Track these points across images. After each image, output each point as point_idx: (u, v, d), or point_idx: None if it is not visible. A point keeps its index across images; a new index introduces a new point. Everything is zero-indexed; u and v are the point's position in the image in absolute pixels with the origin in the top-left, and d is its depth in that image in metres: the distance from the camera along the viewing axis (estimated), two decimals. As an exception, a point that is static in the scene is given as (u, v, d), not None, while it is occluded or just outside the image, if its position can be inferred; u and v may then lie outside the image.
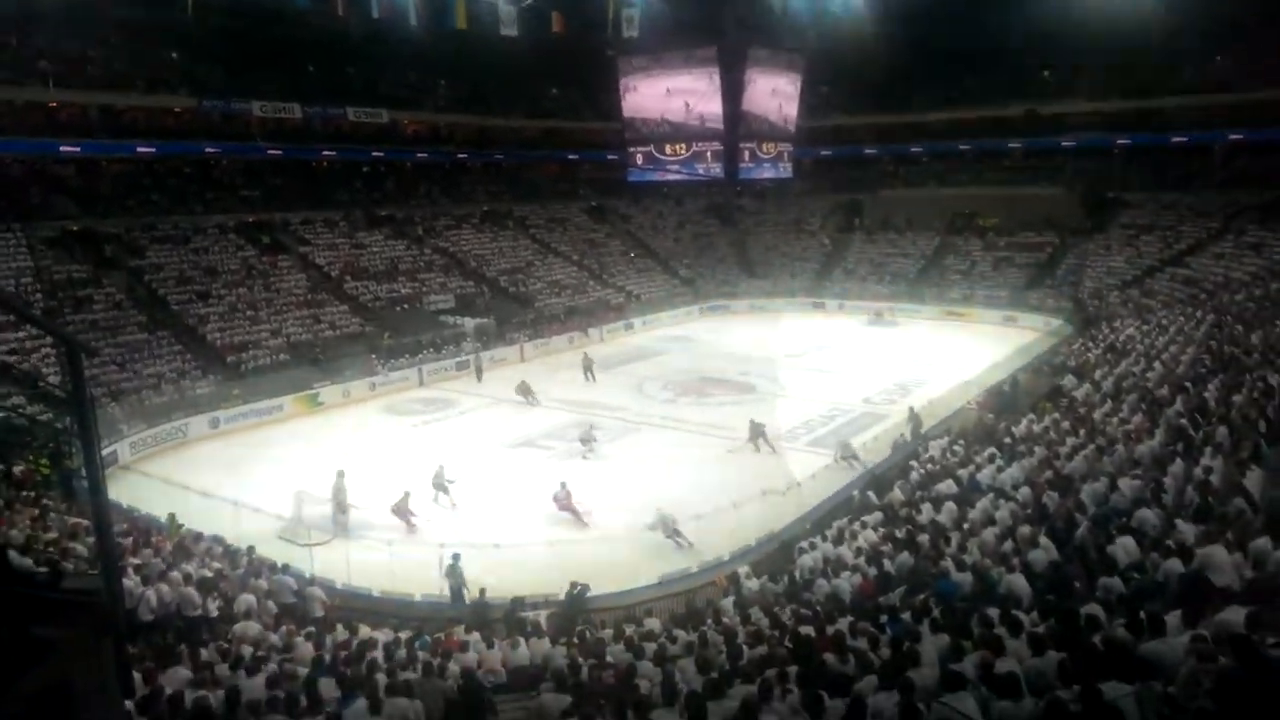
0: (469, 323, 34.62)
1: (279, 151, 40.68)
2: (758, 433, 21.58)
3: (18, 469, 15.03)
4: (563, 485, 17.63)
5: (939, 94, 50.58)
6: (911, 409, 21.91)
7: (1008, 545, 10.35)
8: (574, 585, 12.35)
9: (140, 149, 36.24)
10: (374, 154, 45.07)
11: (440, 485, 18.29)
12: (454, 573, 13.58)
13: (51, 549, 10.06)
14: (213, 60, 39.96)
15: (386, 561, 14.39)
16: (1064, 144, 47.56)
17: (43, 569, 8.79)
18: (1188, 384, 16.25)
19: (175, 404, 24.84)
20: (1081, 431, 15.19)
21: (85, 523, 11.15)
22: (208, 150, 38.40)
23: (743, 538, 15.46)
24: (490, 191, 49.02)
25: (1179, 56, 42.31)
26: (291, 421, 25.98)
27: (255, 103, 39.39)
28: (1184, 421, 13.34)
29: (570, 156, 54.22)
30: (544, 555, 14.56)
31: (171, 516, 14.87)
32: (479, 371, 30.91)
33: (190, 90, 38.23)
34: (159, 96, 37.56)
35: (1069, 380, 21.59)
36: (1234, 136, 42.00)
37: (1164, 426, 13.46)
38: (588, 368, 30.15)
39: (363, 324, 33.43)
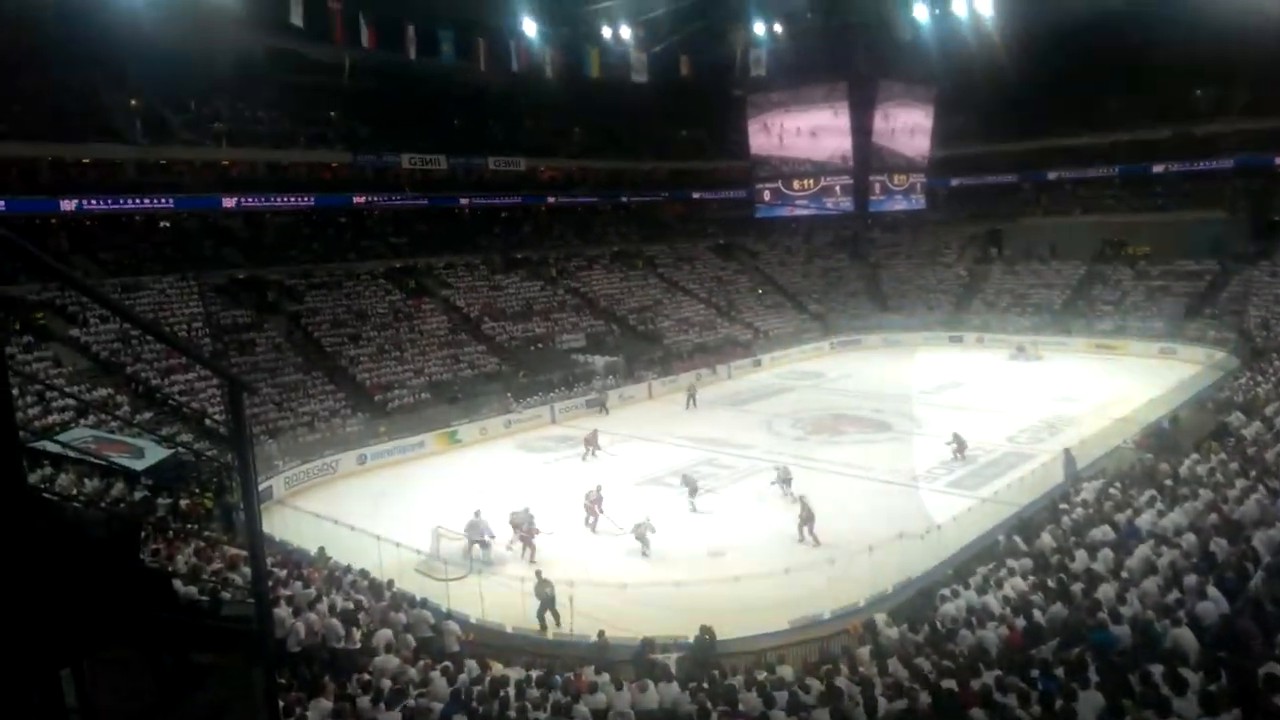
0: (599, 361, 35.24)
1: (424, 200, 43.10)
2: (962, 445, 22.78)
3: (184, 502, 16.24)
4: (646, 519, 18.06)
5: (1082, 118, 48.01)
6: (1066, 450, 20.52)
7: (1172, 596, 9.46)
8: (703, 629, 12.16)
9: (300, 201, 39.17)
10: (512, 200, 46.96)
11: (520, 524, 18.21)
12: (540, 591, 14.05)
13: (213, 579, 10.78)
14: (366, 117, 42.96)
15: (520, 598, 14.64)
16: (1220, 166, 44.07)
17: (204, 598, 9.46)
18: None
19: (326, 441, 26.36)
20: (1252, 473, 13.80)
21: (244, 554, 11.90)
22: (360, 201, 41.01)
23: (879, 583, 14.85)
24: (620, 232, 50.08)
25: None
26: (432, 458, 27.07)
27: (404, 155, 42.03)
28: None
29: (697, 196, 54.72)
30: (672, 595, 14.45)
31: (321, 550, 15.70)
32: (604, 406, 31.62)
33: (346, 146, 41.21)
34: (318, 152, 40.67)
35: (1236, 417, 19.72)
36: None
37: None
38: (692, 394, 30.98)
39: (499, 363, 34.62)
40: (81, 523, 3.15)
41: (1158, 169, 46.42)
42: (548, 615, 14.34)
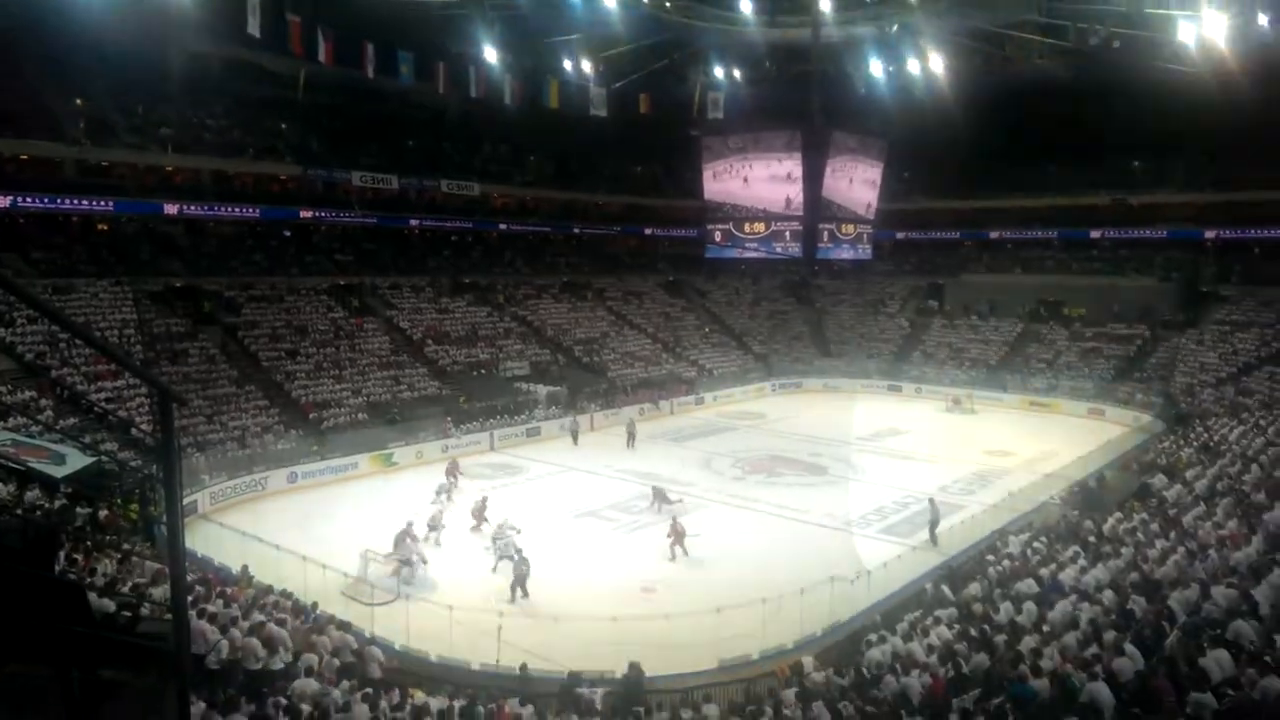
0: (541, 390, 35.09)
1: (373, 219, 42.61)
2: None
3: (103, 513, 15.64)
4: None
5: (1024, 181, 50.06)
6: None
7: (1090, 651, 9.74)
8: (632, 665, 12.09)
9: (245, 212, 38.38)
10: (463, 224, 46.74)
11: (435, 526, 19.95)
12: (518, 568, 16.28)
13: (131, 594, 10.38)
14: (318, 131, 42.47)
15: (446, 627, 14.38)
16: (1155, 235, 46.26)
17: (121, 613, 9.09)
18: None
19: (257, 457, 25.65)
20: (1172, 534, 14.36)
21: (163, 568, 11.49)
22: (307, 215, 40.33)
23: (809, 626, 14.96)
24: (571, 263, 50.20)
25: (1275, 150, 40.86)
26: (365, 479, 26.52)
27: (355, 172, 41.56)
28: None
29: (649, 232, 55.23)
30: (604, 630, 14.33)
31: (244, 568, 15.22)
32: (575, 436, 31.63)
33: (296, 159, 40.60)
34: (267, 163, 39.96)
35: (1159, 479, 20.49)
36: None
37: (1262, 533, 12.63)
38: (631, 433, 30.92)
39: (440, 387, 34.20)
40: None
41: (1095, 234, 48.54)
42: (518, 591, 16.54)
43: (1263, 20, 29.34)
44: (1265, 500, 14.73)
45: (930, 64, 38.38)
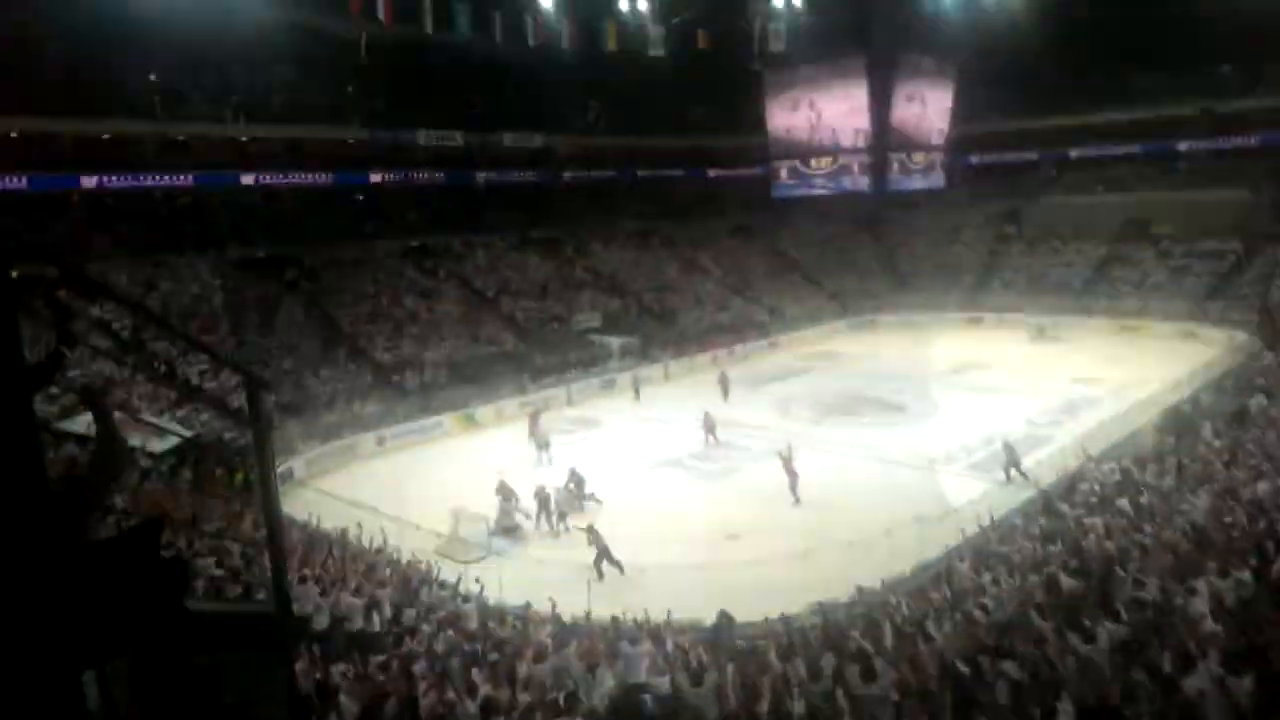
0: (614, 342, 35.19)
1: (441, 176, 42.92)
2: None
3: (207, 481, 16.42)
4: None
5: (1104, 94, 47.08)
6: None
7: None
8: (721, 613, 12.17)
9: (319, 178, 39.11)
10: (527, 176, 46.72)
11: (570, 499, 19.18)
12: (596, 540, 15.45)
13: (231, 571, 10.89)
14: (383, 92, 42.74)
15: (537, 581, 14.72)
16: (1246, 144, 43.19)
17: (230, 587, 9.55)
18: None
19: (345, 421, 26.51)
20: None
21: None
22: (377, 178, 40.87)
23: (896, 566, 14.80)
24: (637, 211, 49.77)
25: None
26: (450, 439, 27.21)
27: (420, 131, 41.89)
28: None
29: (713, 174, 54.24)
30: (692, 579, 14.47)
31: (343, 532, 15.84)
32: (637, 391, 31.10)
33: (363, 122, 41.06)
34: (335, 129, 40.53)
35: (1257, 400, 19.42)
36: None
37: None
38: (725, 386, 29.88)
39: (516, 341, 34.64)
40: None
41: (1182, 146, 45.59)
42: (604, 564, 15.52)
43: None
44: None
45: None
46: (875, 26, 39.77)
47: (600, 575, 15.38)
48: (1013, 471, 19.68)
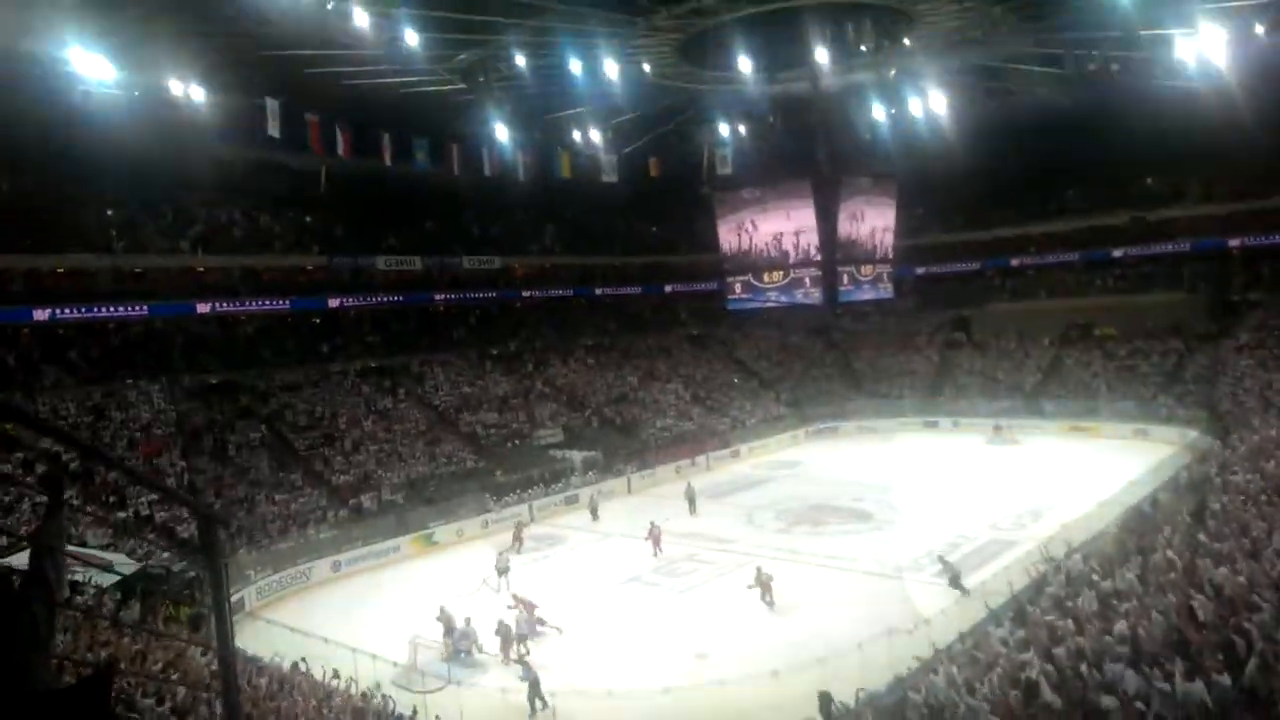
0: (576, 456, 35.02)
1: (400, 299, 43.30)
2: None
3: (152, 616, 15.69)
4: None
5: (1041, 206, 50.01)
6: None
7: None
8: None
9: (276, 304, 39.17)
10: (487, 295, 47.33)
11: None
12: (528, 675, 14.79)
13: (183, 695, 10.34)
14: (341, 220, 43.51)
15: (500, 710, 14.14)
16: (1178, 249, 45.75)
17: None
18: None
19: (300, 548, 25.71)
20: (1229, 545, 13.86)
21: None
22: (335, 303, 41.06)
23: (870, 682, 14.47)
24: (595, 325, 50.52)
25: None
26: (408, 562, 26.45)
27: (379, 257, 42.48)
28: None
29: (669, 289, 55.53)
30: (661, 704, 14.01)
31: (294, 665, 15.13)
32: (594, 510, 30.42)
33: (322, 249, 41.57)
34: (294, 256, 40.93)
35: (1212, 495, 19.80)
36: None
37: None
38: (691, 499, 29.71)
39: (476, 459, 34.28)
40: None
41: (1117, 253, 48.02)
42: (536, 701, 14.68)
43: (1259, 29, 29.30)
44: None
45: (932, 103, 38.67)
46: (816, 152, 41.89)
47: (533, 710, 14.67)
48: (954, 584, 19.42)
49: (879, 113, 41.10)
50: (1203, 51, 30.15)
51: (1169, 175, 46.70)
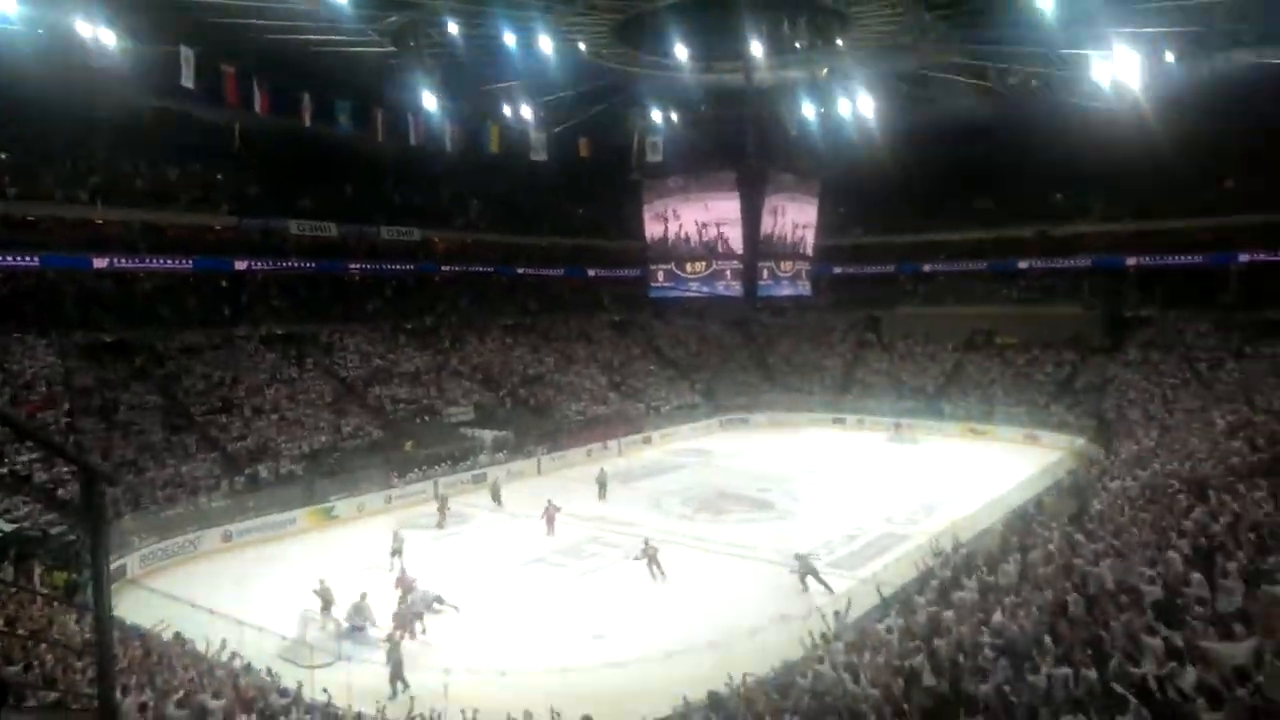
0: (486, 435, 34.67)
1: (312, 265, 41.91)
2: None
3: (25, 579, 14.93)
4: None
5: (955, 215, 51.69)
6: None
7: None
8: (584, 719, 11.82)
9: (178, 264, 37.41)
10: (404, 267, 46.29)
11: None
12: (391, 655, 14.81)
13: (52, 663, 9.88)
14: (254, 180, 41.81)
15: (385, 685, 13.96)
16: (1079, 264, 48.05)
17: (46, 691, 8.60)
18: (1210, 491, 15.73)
19: (190, 516, 24.74)
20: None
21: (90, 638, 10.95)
22: (242, 266, 39.44)
23: (760, 667, 14.82)
24: (515, 305, 50.04)
25: (1189, 179, 42.80)
26: (304, 535, 25.75)
27: (293, 220, 40.97)
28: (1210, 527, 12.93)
29: (593, 273, 55.43)
30: (554, 682, 14.04)
31: (176, 635, 14.61)
32: (496, 494, 29.33)
33: (231, 208, 39.82)
34: (201, 214, 39.09)
35: (1093, 499, 20.99)
36: (1245, 258, 42.39)
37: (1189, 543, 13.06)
38: (602, 484, 29.78)
39: (383, 431, 33.59)
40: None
41: (1022, 265, 50.04)
42: (397, 683, 14.77)
43: (1170, 57, 30.88)
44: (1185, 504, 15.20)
45: (860, 106, 39.49)
46: (746, 145, 42.24)
47: (394, 692, 14.56)
48: (809, 580, 19.33)
49: (809, 111, 41.73)
50: (1116, 75, 31.55)
51: (1076, 192, 48.87)
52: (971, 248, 51.23)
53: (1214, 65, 31.11)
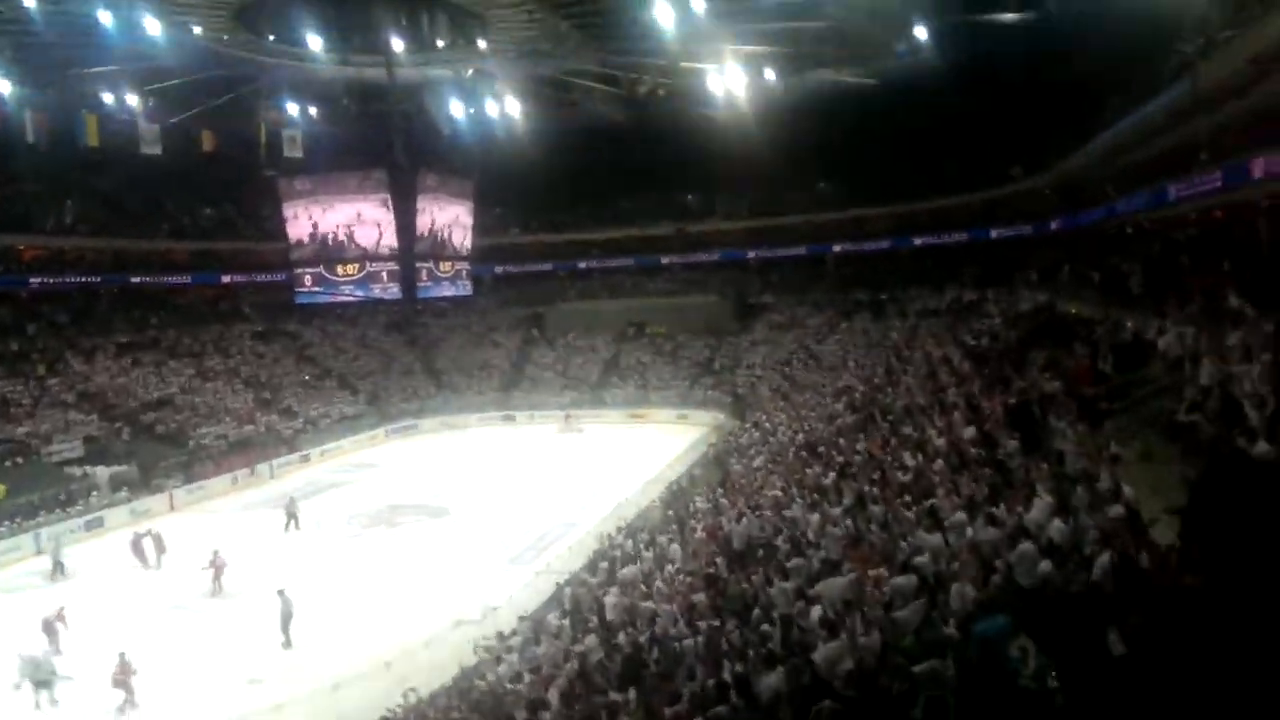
0: (102, 472, 29.60)
1: None
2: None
3: None
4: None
5: (604, 214, 54.55)
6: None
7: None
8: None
9: None
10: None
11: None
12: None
13: None
14: None
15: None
16: (710, 259, 53.33)
17: None
18: (821, 449, 18.16)
19: None
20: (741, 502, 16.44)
21: None
22: None
23: (441, 676, 14.26)
24: (130, 319, 43.43)
25: (790, 181, 49.32)
26: None
27: None
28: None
29: (228, 280, 49.92)
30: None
31: None
32: (58, 564, 22.74)
33: None
34: None
35: (733, 465, 23.35)
36: (837, 248, 50.27)
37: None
38: (292, 514, 26.24)
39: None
40: None
41: (665, 260, 54.42)
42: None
43: (770, 74, 35.03)
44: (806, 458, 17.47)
45: (507, 106, 39.86)
46: (394, 142, 40.66)
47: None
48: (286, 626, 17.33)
49: (458, 109, 41.25)
50: (728, 86, 35.13)
51: (705, 193, 54.09)
52: (620, 245, 54.52)
53: (804, 82, 35.99)
